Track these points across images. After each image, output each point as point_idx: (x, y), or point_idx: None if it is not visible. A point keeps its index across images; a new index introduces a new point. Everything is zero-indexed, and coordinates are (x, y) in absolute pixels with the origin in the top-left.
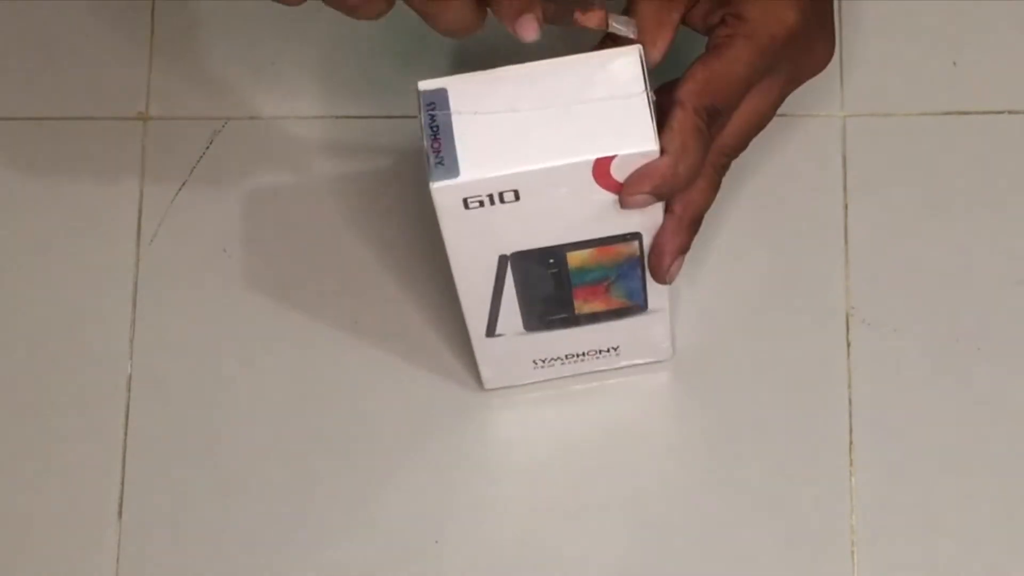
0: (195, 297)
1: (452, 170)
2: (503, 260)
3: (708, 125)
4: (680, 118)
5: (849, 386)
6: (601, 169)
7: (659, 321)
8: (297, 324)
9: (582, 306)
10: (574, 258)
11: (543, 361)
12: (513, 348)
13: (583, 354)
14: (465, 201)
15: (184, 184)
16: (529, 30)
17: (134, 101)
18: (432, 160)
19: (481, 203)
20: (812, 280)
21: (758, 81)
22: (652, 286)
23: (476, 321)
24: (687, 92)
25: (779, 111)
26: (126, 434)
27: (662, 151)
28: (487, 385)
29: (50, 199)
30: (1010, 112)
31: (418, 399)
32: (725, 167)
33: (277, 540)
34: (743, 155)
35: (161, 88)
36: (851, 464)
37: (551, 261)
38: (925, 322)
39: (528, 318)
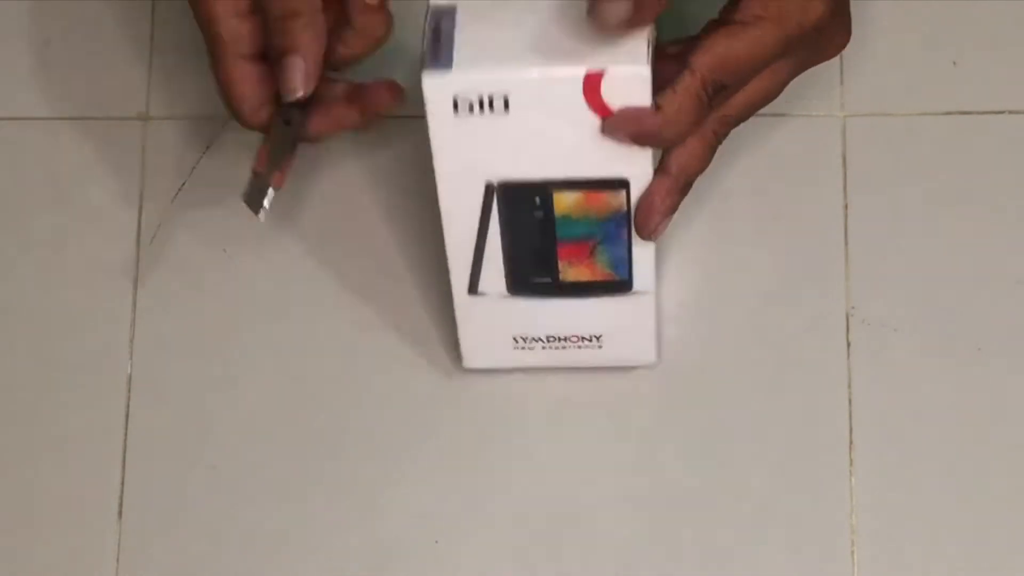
0: (195, 297)
1: (446, 65)
2: (489, 190)
3: (711, 97)
4: (686, 83)
5: (849, 386)
6: (591, 86)
7: (644, 311)
8: (297, 324)
9: (566, 270)
10: (560, 203)
11: (524, 341)
12: (495, 315)
13: (565, 340)
14: (455, 102)
15: (184, 184)
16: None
17: (134, 101)
18: (428, 57)
19: (471, 108)
20: (812, 280)
21: (773, 63)
22: (638, 262)
23: (459, 272)
24: (701, 62)
25: (779, 111)
26: (126, 434)
27: (657, 107)
28: (466, 363)
29: (50, 199)
30: (1010, 112)
31: (418, 399)
32: (725, 135)
33: (277, 540)
34: (744, 155)
35: (161, 88)
36: (851, 464)
37: (537, 201)
38: (925, 322)
39: (512, 278)
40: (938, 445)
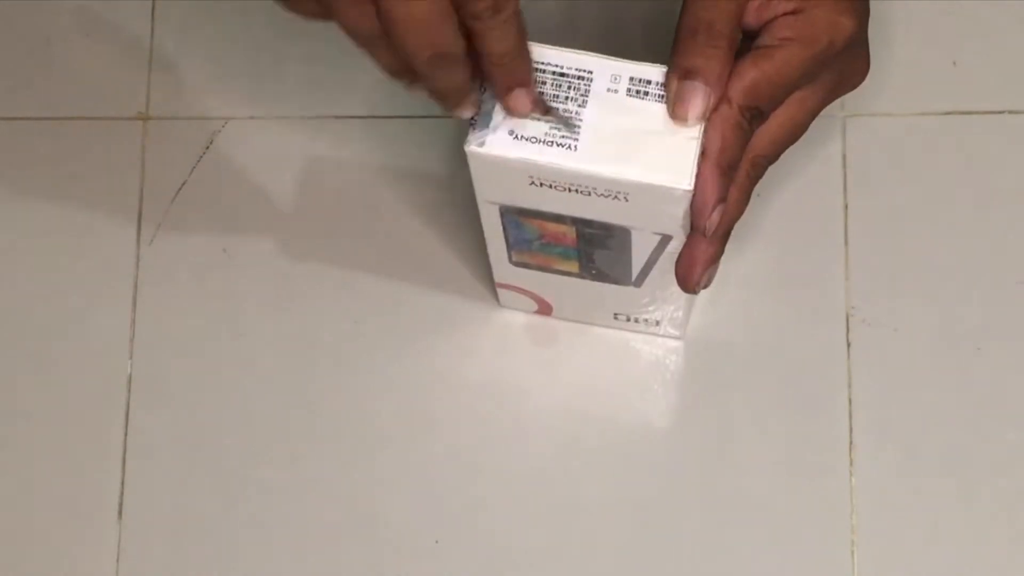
0: (195, 297)
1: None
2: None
3: (749, 123)
4: (724, 114)
5: (849, 386)
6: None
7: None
8: (297, 324)
9: None
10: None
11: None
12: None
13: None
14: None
15: (184, 184)
16: (522, 105)
17: (134, 101)
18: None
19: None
20: (812, 280)
21: (804, 85)
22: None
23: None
24: (735, 89)
25: None
26: (126, 434)
27: (704, 152)
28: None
29: (50, 199)
30: (1010, 112)
31: (416, 400)
32: (758, 177)
33: (277, 540)
34: None
35: (161, 88)
36: (851, 464)
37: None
38: (925, 322)
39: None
40: (938, 445)
